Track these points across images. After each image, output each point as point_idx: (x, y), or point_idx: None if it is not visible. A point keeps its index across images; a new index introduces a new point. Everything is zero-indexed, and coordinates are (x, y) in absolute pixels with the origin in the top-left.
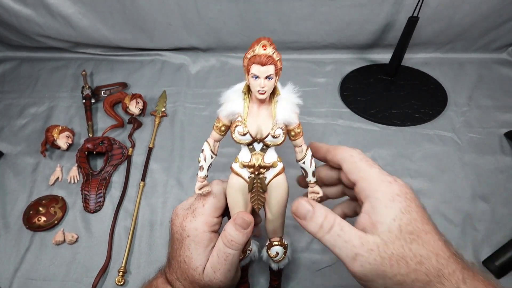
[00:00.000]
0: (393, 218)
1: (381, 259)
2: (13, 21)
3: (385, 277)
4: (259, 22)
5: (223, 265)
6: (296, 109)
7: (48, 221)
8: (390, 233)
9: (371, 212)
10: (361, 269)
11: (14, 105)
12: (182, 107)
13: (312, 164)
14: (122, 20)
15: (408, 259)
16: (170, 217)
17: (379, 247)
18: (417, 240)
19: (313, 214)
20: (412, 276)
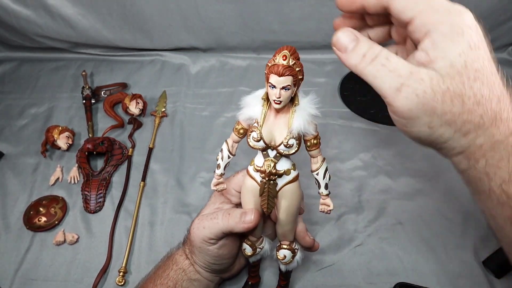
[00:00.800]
0: (459, 53)
1: (432, 93)
2: (13, 22)
3: (432, 114)
4: (259, 22)
5: (206, 226)
6: (314, 120)
7: (49, 222)
8: (451, 68)
9: (431, 48)
10: (405, 102)
11: (14, 105)
12: (182, 107)
13: (326, 176)
14: (122, 21)
15: (465, 98)
16: (170, 217)
17: (432, 79)
18: (482, 78)
19: (356, 44)
20: (464, 117)
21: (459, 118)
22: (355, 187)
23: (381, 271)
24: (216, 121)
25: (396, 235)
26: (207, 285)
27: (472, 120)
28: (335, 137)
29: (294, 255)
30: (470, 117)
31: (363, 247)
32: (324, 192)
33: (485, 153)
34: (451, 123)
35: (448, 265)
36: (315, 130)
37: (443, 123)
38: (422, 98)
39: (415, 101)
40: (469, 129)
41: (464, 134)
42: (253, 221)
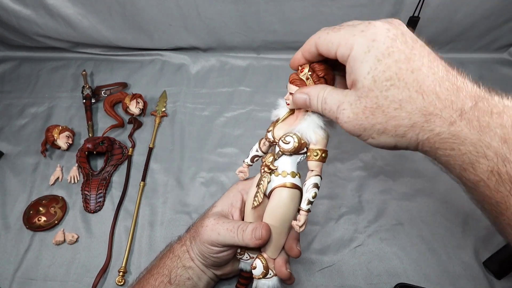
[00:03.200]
0: (367, 71)
1: (354, 115)
2: (13, 21)
3: (365, 129)
4: (260, 22)
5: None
6: (320, 132)
7: (48, 221)
8: (363, 88)
9: (349, 73)
10: (346, 125)
11: (14, 105)
12: (182, 107)
13: (311, 191)
14: (122, 21)
15: (384, 108)
16: (170, 217)
17: (351, 105)
18: (397, 84)
19: (310, 104)
20: (392, 122)
21: (387, 125)
22: (355, 187)
23: (381, 272)
24: (216, 121)
25: (396, 235)
26: (200, 275)
27: (400, 123)
28: (335, 137)
29: (265, 272)
30: (397, 122)
31: (363, 248)
32: (303, 207)
33: (434, 147)
34: (383, 131)
35: (448, 266)
36: (319, 143)
37: (378, 132)
38: (352, 119)
39: (349, 123)
40: (403, 132)
41: (401, 136)
42: (262, 236)
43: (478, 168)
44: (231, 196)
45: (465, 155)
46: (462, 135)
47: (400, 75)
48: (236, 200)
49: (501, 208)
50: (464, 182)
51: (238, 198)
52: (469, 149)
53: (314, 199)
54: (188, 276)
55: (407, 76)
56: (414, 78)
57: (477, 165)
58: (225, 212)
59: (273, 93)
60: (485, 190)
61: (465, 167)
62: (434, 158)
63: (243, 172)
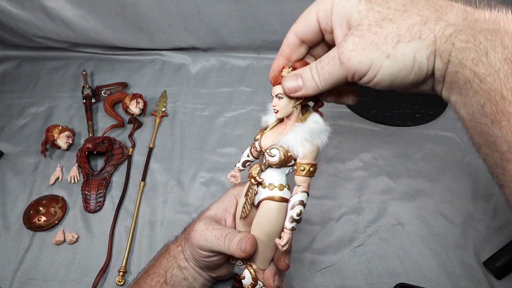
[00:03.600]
0: (357, 9)
1: (360, 38)
2: (11, 24)
3: (377, 46)
4: (260, 22)
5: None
6: (308, 146)
7: (48, 221)
8: (362, 11)
9: (340, 26)
10: (354, 58)
11: (14, 105)
12: (183, 107)
13: (296, 209)
14: (122, 22)
15: (391, 17)
16: (170, 217)
17: (353, 34)
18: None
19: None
20: (404, 24)
21: (401, 28)
22: (355, 188)
23: (381, 272)
24: (216, 121)
25: (396, 235)
26: (195, 276)
27: (414, 21)
28: (336, 137)
29: (254, 284)
30: (409, 21)
31: (363, 248)
32: (286, 225)
33: (450, 39)
34: (399, 38)
35: (448, 266)
36: (307, 157)
37: (394, 44)
38: (358, 44)
39: (356, 52)
40: (419, 30)
41: (418, 37)
42: (246, 250)
43: (492, 57)
44: (226, 200)
45: (481, 44)
46: (480, 22)
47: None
48: (230, 205)
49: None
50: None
51: (233, 203)
52: (487, 37)
53: (299, 217)
54: (184, 277)
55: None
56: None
57: (492, 52)
58: (218, 217)
59: None
60: (493, 85)
61: (480, 59)
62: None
63: (234, 177)
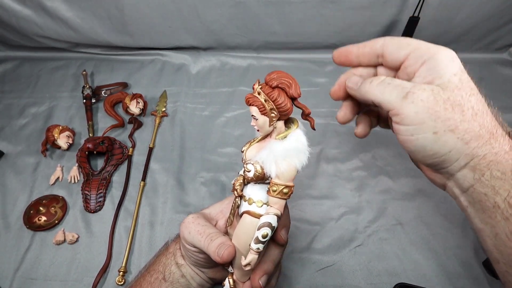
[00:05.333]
0: (455, 72)
1: (434, 100)
2: (12, 22)
3: (437, 119)
4: (260, 24)
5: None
6: (282, 166)
7: (49, 221)
8: (449, 83)
9: (429, 72)
10: (412, 106)
11: (14, 105)
12: (183, 107)
13: (261, 230)
14: (121, 25)
15: (464, 108)
16: (170, 217)
17: (433, 90)
18: (476, 96)
19: (363, 80)
20: (465, 125)
21: (460, 125)
22: (355, 187)
23: (381, 272)
24: (216, 121)
25: (396, 235)
26: (192, 275)
27: (472, 129)
28: (336, 137)
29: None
30: (470, 126)
31: (363, 248)
32: (251, 245)
33: (489, 165)
34: (454, 129)
35: (448, 266)
36: (277, 176)
37: (446, 129)
38: (427, 102)
39: (420, 105)
40: (471, 138)
41: (466, 142)
42: (222, 257)
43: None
44: (225, 203)
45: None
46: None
47: (476, 91)
48: (227, 208)
49: None
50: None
51: (230, 207)
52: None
53: (265, 239)
54: (181, 274)
55: (480, 96)
56: (483, 100)
57: None
58: (212, 216)
59: None
60: None
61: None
62: (472, 183)
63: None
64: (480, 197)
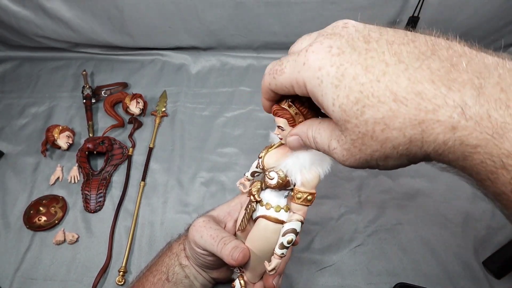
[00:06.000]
0: (332, 103)
1: (347, 152)
2: (12, 22)
3: (367, 161)
4: (260, 25)
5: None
6: (307, 175)
7: (49, 221)
8: (339, 121)
9: (321, 107)
10: (348, 165)
11: (14, 105)
12: (183, 107)
13: (287, 236)
14: (121, 25)
15: (370, 134)
16: (170, 217)
17: (339, 141)
18: (369, 102)
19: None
20: (387, 145)
21: (386, 149)
22: (355, 187)
23: (381, 271)
24: (216, 121)
25: (396, 235)
26: (196, 275)
27: (397, 143)
28: None
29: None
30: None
31: (363, 247)
32: (276, 251)
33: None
34: (386, 156)
35: (448, 266)
36: (303, 184)
37: (382, 159)
38: (347, 158)
39: (348, 162)
40: (406, 149)
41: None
42: (237, 260)
43: (497, 180)
44: (231, 205)
45: (479, 164)
46: (472, 140)
47: (367, 91)
48: (234, 210)
49: None
50: (484, 193)
51: (237, 209)
52: (484, 157)
53: (290, 244)
54: (185, 275)
55: (375, 89)
56: (383, 87)
57: (495, 176)
58: (220, 218)
59: None
60: (508, 203)
61: (483, 178)
62: (451, 167)
63: (243, 184)
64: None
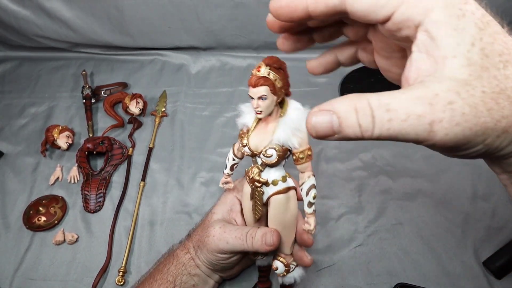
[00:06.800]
0: (471, 42)
1: (471, 109)
2: (12, 22)
3: (486, 130)
4: (260, 24)
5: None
6: (300, 134)
7: (48, 221)
8: (470, 66)
9: (431, 46)
10: (448, 137)
11: (14, 105)
12: (182, 107)
13: (310, 194)
14: (121, 25)
15: (509, 92)
16: (170, 217)
17: (460, 93)
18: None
19: (338, 118)
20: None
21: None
22: (355, 187)
23: (381, 272)
24: (216, 121)
25: (396, 235)
26: (205, 280)
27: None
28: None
29: (287, 269)
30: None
31: (363, 248)
32: (307, 210)
33: None
34: (508, 129)
35: (448, 266)
36: (301, 144)
37: (499, 133)
38: (465, 122)
39: (458, 130)
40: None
41: None
42: (273, 243)
43: None
44: (228, 202)
45: None
46: None
47: (510, 48)
48: (234, 204)
49: None
50: None
51: (236, 202)
52: None
53: (315, 199)
54: (194, 283)
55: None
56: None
57: None
58: (227, 219)
59: None
60: None
61: None
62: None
63: (227, 183)
64: None
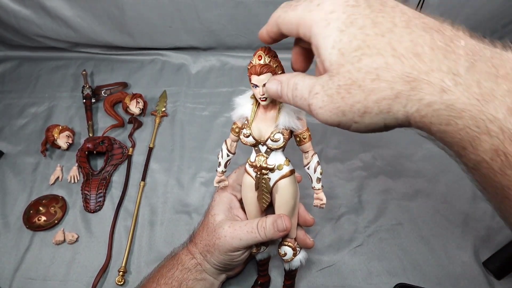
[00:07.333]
0: (332, 45)
1: (329, 98)
2: (12, 22)
3: (344, 113)
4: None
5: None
6: (301, 115)
7: (48, 221)
8: (332, 65)
9: (316, 53)
10: (321, 116)
11: (14, 104)
12: (183, 107)
13: (317, 170)
14: (121, 25)
15: (360, 82)
16: (170, 217)
17: (323, 87)
18: (368, 51)
19: (280, 85)
20: (372, 97)
21: (368, 102)
22: (355, 187)
23: (381, 272)
24: (216, 121)
25: (396, 235)
26: (212, 283)
27: (382, 96)
28: (335, 137)
29: (295, 252)
30: (377, 95)
31: (363, 248)
32: (316, 186)
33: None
34: (365, 110)
35: (448, 266)
36: (303, 125)
37: (360, 113)
38: (325, 107)
39: (323, 112)
40: (388, 106)
41: (387, 112)
42: (287, 227)
43: (479, 147)
44: (225, 200)
45: (463, 130)
46: (459, 105)
47: (369, 42)
48: (232, 201)
49: (507, 193)
50: (463, 162)
51: (233, 199)
52: (468, 123)
53: (322, 174)
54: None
55: (378, 41)
56: (386, 41)
57: (478, 142)
58: (229, 217)
59: None
60: (488, 172)
61: (464, 145)
62: (429, 134)
63: (222, 181)
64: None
